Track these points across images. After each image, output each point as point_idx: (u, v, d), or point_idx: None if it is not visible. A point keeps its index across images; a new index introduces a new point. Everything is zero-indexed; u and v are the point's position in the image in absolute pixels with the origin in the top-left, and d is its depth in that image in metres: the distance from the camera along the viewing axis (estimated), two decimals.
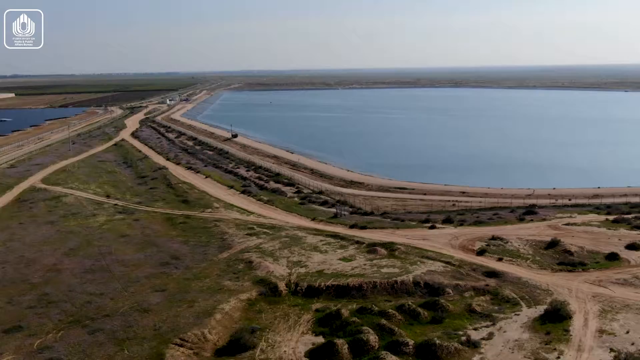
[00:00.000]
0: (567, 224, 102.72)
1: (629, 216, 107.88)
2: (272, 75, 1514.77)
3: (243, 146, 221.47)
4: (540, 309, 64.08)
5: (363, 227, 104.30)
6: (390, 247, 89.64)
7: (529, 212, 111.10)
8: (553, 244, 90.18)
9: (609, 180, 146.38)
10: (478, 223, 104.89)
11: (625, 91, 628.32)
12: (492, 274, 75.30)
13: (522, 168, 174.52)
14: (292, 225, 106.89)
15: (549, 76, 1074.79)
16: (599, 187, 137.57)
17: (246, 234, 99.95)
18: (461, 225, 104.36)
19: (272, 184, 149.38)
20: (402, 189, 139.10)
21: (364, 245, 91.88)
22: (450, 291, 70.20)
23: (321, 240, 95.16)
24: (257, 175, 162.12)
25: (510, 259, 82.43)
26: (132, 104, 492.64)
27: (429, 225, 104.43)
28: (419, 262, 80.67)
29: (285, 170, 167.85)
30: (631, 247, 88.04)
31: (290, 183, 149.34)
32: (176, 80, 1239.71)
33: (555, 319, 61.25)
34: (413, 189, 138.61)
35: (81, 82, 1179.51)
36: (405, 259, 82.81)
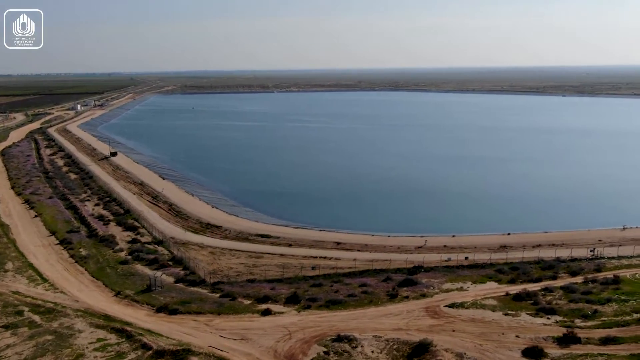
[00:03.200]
0: (453, 305, 74.32)
1: (537, 286, 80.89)
2: (216, 77, 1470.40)
3: (116, 168, 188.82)
4: None
5: (173, 312, 75.01)
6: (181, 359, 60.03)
7: (407, 282, 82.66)
8: (421, 349, 61.91)
9: (522, 221, 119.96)
10: (332, 304, 75.93)
11: (563, 95, 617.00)
12: None
13: (422, 202, 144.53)
14: (79, 307, 76.78)
15: (491, 78, 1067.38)
16: (508, 234, 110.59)
17: (2, 326, 69.11)
18: (308, 307, 74.97)
19: (111, 228, 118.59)
20: (264, 237, 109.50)
21: (150, 353, 61.92)
22: None
23: (98, 341, 65.74)
24: (101, 213, 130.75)
25: None
26: (40, 109, 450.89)
27: (265, 307, 74.87)
28: None
29: (141, 206, 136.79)
30: (531, 353, 60.14)
31: (133, 226, 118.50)
32: (114, 81, 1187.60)
33: None
34: (278, 238, 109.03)
35: (6, 84, 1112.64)
36: None
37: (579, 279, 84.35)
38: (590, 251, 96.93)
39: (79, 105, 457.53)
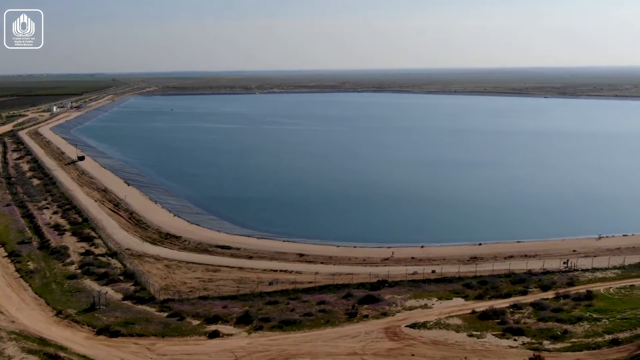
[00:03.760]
0: (415, 325, 69.49)
1: (506, 303, 76.24)
2: (201, 77, 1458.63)
3: (82, 173, 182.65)
4: None
5: (115, 334, 69.77)
6: None
7: (368, 299, 77.75)
8: None
9: (495, 230, 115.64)
10: (286, 324, 70.82)
11: (545, 97, 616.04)
12: None
13: (392, 209, 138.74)
14: (15, 328, 71.52)
15: (475, 80, 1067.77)
16: (479, 244, 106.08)
17: None
18: (260, 329, 69.83)
19: (65, 238, 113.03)
20: (224, 249, 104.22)
21: None
22: None
23: None
24: (58, 221, 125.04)
25: None
26: (14, 111, 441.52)
27: (214, 328, 69.66)
28: None
29: (101, 214, 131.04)
30: None
31: (89, 237, 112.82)
32: (96, 82, 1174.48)
33: None
34: (238, 249, 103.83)
35: None
36: None
37: (550, 294, 79.92)
38: (564, 263, 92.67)
39: (55, 107, 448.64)
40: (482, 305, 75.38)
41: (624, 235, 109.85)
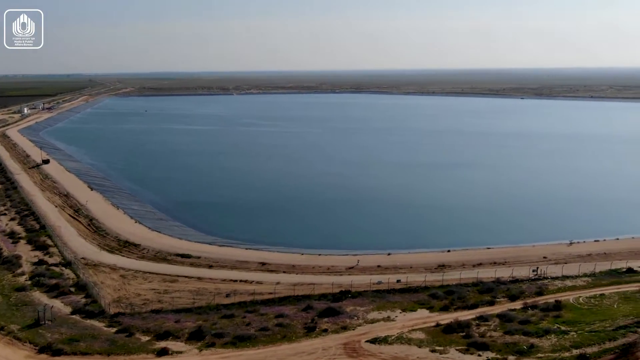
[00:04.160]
0: (375, 340, 66.13)
1: (472, 314, 73.31)
2: (177, 78, 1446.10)
3: (45, 177, 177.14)
4: None
5: (57, 352, 66.23)
6: None
7: (329, 312, 74.34)
8: None
9: (464, 235, 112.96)
10: (240, 340, 67.13)
11: (522, 98, 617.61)
12: None
13: (360, 214, 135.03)
14: None
15: (453, 80, 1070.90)
16: (448, 251, 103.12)
17: None
18: (212, 345, 66.05)
19: (20, 246, 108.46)
20: (184, 258, 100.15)
21: None
22: None
23: None
24: (14, 229, 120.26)
25: None
26: None
27: (163, 344, 65.75)
28: None
29: (60, 220, 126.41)
30: None
31: (45, 245, 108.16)
32: (72, 82, 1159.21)
33: None
34: (199, 258, 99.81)
35: None
36: None
37: (518, 304, 77.11)
38: (533, 271, 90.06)
39: (25, 109, 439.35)
40: (447, 317, 72.36)
41: (595, 241, 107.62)
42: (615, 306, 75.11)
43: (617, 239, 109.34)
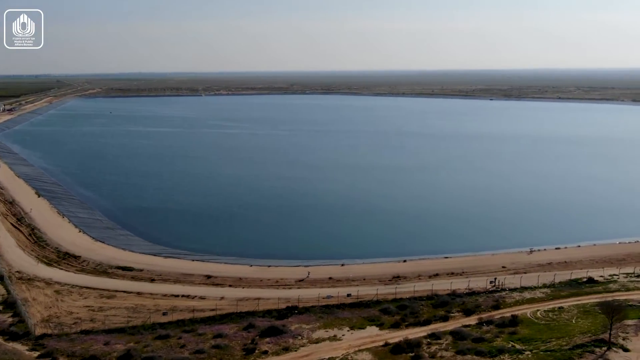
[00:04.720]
0: None
1: (423, 332, 68.97)
2: (146, 79, 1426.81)
3: None
4: None
5: None
6: None
7: (271, 331, 69.31)
8: None
9: (421, 243, 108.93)
10: None
11: (490, 99, 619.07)
12: None
13: (315, 221, 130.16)
14: None
15: (423, 82, 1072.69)
16: (404, 261, 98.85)
17: None
18: None
19: None
20: (125, 270, 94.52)
21: None
22: None
23: None
24: None
25: None
26: None
27: None
28: None
29: (0, 230, 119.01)
30: None
31: None
32: (39, 83, 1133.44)
33: None
34: (141, 270, 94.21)
35: None
36: None
37: (473, 320, 73.12)
38: (491, 282, 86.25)
39: None
40: (397, 336, 67.99)
41: (556, 248, 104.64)
42: (573, 321, 71.43)
43: (579, 246, 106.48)
